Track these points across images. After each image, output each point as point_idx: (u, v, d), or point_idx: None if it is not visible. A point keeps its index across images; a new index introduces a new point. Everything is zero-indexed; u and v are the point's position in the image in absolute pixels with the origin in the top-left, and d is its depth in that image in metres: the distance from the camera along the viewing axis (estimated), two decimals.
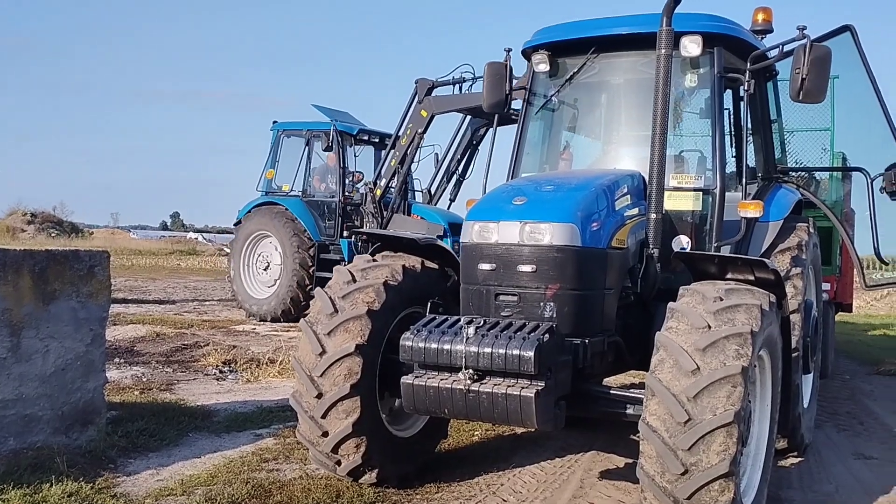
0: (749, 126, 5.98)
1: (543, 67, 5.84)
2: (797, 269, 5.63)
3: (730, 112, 5.85)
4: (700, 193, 5.32)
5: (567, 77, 5.76)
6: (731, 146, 5.85)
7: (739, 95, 5.82)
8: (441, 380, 4.20)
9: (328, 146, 13.80)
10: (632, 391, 4.57)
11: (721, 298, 4.03)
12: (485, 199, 5.01)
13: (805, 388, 6.05)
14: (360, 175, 14.23)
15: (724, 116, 5.52)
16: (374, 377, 4.70)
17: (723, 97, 5.47)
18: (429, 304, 4.95)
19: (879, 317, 19.85)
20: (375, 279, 4.78)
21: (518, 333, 4.10)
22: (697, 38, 5.17)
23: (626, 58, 5.66)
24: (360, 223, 13.36)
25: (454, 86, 12.27)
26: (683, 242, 5.13)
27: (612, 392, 4.64)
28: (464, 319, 4.33)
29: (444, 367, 4.22)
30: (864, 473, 5.75)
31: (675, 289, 4.29)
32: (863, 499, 5.17)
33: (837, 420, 7.54)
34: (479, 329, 4.18)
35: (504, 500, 4.85)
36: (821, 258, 6.78)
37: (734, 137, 5.92)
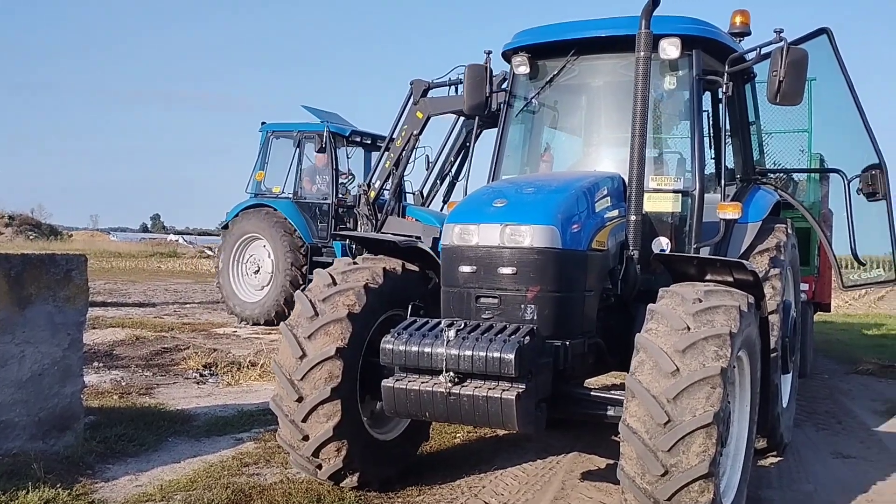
0: (728, 128, 6.02)
1: (523, 70, 5.85)
2: (775, 270, 5.68)
3: (708, 114, 5.88)
4: (679, 195, 5.35)
5: (547, 79, 5.79)
6: (710, 148, 5.88)
7: (718, 98, 5.86)
8: (422, 383, 4.19)
9: (321, 147, 13.70)
10: (612, 393, 4.58)
11: (700, 300, 4.06)
12: (465, 202, 5.01)
13: (784, 388, 6.12)
14: (351, 175, 14.14)
15: (703, 118, 5.55)
16: (355, 380, 4.68)
17: (701, 99, 5.50)
18: (410, 307, 4.94)
19: (858, 316, 20.06)
20: (356, 282, 4.76)
21: (499, 336, 4.10)
22: (676, 41, 5.20)
23: (606, 60, 5.69)
24: (354, 225, 13.29)
25: (450, 87, 12.23)
26: (663, 244, 5.15)
27: (593, 394, 4.65)
28: (444, 322, 4.33)
29: (425, 371, 4.20)
30: (843, 472, 5.81)
31: (655, 290, 4.31)
32: (842, 497, 5.22)
33: (816, 419, 7.60)
34: (460, 332, 4.18)
35: (486, 503, 4.85)
36: (799, 259, 6.86)
37: (713, 139, 5.95)
